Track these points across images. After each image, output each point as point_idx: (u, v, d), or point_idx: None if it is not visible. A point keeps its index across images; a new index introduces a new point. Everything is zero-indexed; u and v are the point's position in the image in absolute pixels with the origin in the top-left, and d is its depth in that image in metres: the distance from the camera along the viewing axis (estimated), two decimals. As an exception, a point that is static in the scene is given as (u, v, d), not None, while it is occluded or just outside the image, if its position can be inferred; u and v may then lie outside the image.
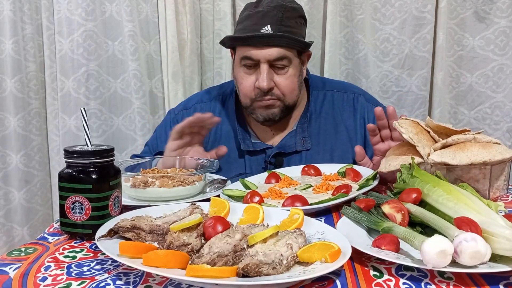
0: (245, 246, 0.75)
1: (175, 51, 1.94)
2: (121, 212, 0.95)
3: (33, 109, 2.04)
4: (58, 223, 0.93)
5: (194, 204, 0.94)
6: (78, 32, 1.94)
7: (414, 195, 0.87)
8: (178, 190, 1.10)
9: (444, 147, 1.07)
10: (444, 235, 0.72)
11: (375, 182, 1.16)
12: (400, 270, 0.74)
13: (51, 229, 0.98)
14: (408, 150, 1.12)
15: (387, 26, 1.91)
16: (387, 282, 0.70)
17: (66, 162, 0.91)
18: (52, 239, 0.92)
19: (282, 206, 1.02)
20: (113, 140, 2.03)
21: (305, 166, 1.32)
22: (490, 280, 0.70)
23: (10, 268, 0.77)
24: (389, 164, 1.12)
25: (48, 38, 1.98)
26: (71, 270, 0.77)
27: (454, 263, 0.69)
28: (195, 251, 0.76)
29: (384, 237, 0.78)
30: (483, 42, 1.88)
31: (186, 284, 0.71)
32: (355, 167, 1.27)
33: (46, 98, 2.05)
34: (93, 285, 0.71)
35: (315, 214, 1.02)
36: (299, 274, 0.69)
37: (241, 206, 0.96)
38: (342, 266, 0.71)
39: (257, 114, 1.40)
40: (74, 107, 1.98)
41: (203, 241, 0.79)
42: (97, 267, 0.78)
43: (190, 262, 0.72)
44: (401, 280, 0.71)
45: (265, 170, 1.43)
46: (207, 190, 1.17)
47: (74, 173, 0.89)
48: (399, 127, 1.11)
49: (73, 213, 0.89)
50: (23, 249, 0.86)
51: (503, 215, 0.80)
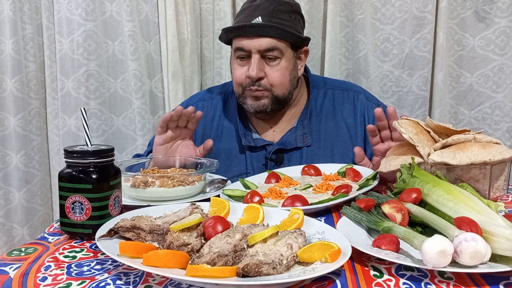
0: (245, 246, 0.75)
1: (175, 51, 1.94)
2: (121, 212, 0.95)
3: (33, 109, 2.04)
4: (58, 223, 0.93)
5: (194, 204, 0.94)
6: (78, 32, 1.94)
7: (414, 195, 0.87)
8: (178, 190, 1.10)
9: (444, 147, 1.07)
10: (444, 235, 0.72)
11: (375, 182, 1.16)
12: (400, 270, 0.74)
13: (51, 229, 0.98)
14: (408, 150, 1.12)
15: (387, 26, 1.91)
16: (387, 282, 0.70)
17: (66, 162, 0.91)
18: (52, 239, 0.92)
19: (282, 206, 1.02)
20: (113, 140, 2.03)
21: (305, 166, 1.32)
22: (490, 280, 0.70)
23: (10, 268, 0.78)
24: (389, 164, 1.12)
25: (48, 38, 1.99)
26: (71, 270, 0.77)
27: (454, 263, 0.69)
28: (195, 251, 0.76)
29: (384, 237, 0.78)
30: (483, 42, 1.88)
31: (186, 284, 0.71)
32: (355, 167, 1.27)
33: (46, 98, 2.05)
34: (93, 285, 0.71)
35: (315, 214, 1.02)
36: (299, 274, 0.69)
37: (241, 206, 0.96)
38: (342, 266, 0.71)
39: (248, 104, 1.41)
40: (74, 107, 1.98)
41: (203, 241, 0.79)
42: (97, 267, 0.78)
43: (190, 262, 0.72)
44: (401, 280, 0.71)
45: (266, 166, 1.43)
46: (207, 190, 1.17)
47: (74, 173, 0.89)
48: (399, 127, 1.11)
49: (73, 213, 0.89)
50: (23, 249, 0.86)
51: (503, 215, 0.80)
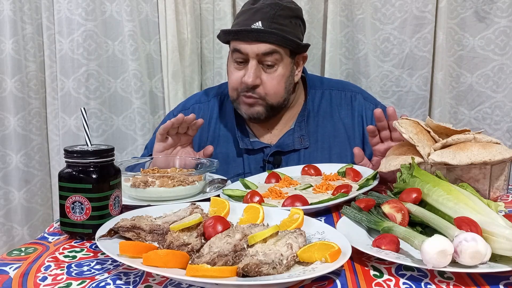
0: (245, 246, 0.75)
1: (175, 51, 1.94)
2: (121, 212, 0.95)
3: (33, 109, 2.04)
4: (58, 223, 0.93)
5: (194, 204, 0.94)
6: (78, 32, 1.94)
7: (414, 195, 0.87)
8: (178, 190, 1.10)
9: (444, 147, 1.07)
10: (444, 235, 0.72)
11: (375, 182, 1.16)
12: (400, 270, 0.74)
13: (51, 229, 0.98)
14: (408, 150, 1.12)
15: (387, 26, 1.90)
16: (387, 282, 0.70)
17: (66, 162, 0.91)
18: (52, 239, 0.92)
19: (282, 206, 1.02)
20: (113, 140, 2.03)
21: (305, 166, 1.32)
22: (490, 280, 0.70)
23: (10, 268, 0.78)
24: (389, 164, 1.12)
25: (48, 38, 1.98)
26: (71, 269, 0.77)
27: (454, 263, 0.69)
28: (195, 251, 0.76)
29: (384, 237, 0.78)
30: (483, 42, 1.88)
31: (186, 284, 0.71)
32: (355, 167, 1.27)
33: (46, 98, 2.05)
34: (93, 285, 0.71)
35: (315, 214, 1.02)
36: (299, 274, 0.69)
37: (241, 206, 0.96)
38: (342, 266, 0.71)
39: (242, 111, 1.41)
40: (74, 107, 1.98)
41: (203, 241, 0.79)
42: (97, 266, 0.78)
43: (190, 262, 0.72)
44: (401, 280, 0.71)
45: (263, 169, 1.43)
46: (207, 190, 1.17)
47: (74, 173, 0.89)
48: (399, 127, 1.11)
49: (73, 212, 0.89)
50: (23, 249, 0.86)
51: (503, 215, 0.80)
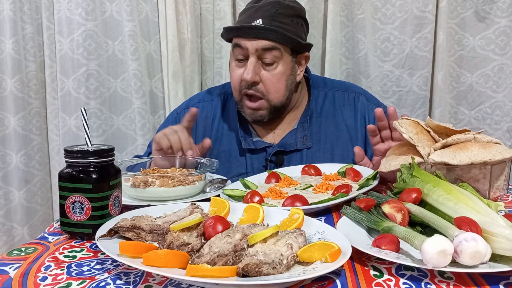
0: (245, 245, 0.75)
1: (175, 51, 1.94)
2: (121, 212, 0.95)
3: (33, 109, 2.04)
4: (58, 223, 0.93)
5: (194, 204, 0.94)
6: (78, 31, 1.94)
7: (414, 195, 0.87)
8: (178, 189, 1.10)
9: (444, 147, 1.07)
10: (444, 235, 0.72)
11: (375, 182, 1.15)
12: (400, 270, 0.74)
13: (51, 229, 0.98)
14: (408, 150, 1.12)
15: (387, 26, 1.90)
16: (387, 282, 0.70)
17: (66, 162, 0.91)
18: (52, 239, 0.92)
19: (282, 206, 1.02)
20: (113, 140, 2.03)
21: (305, 166, 1.32)
22: (490, 280, 0.70)
23: (10, 268, 0.78)
24: (389, 164, 1.12)
25: (48, 38, 1.98)
26: (71, 269, 0.77)
27: (454, 263, 0.69)
28: (195, 250, 0.76)
29: (384, 237, 0.78)
30: (484, 42, 1.88)
31: (186, 284, 0.71)
32: (355, 166, 1.27)
33: (46, 97, 2.05)
34: (93, 285, 0.71)
35: (315, 214, 1.02)
36: (299, 274, 0.69)
37: (241, 205, 0.96)
38: (342, 266, 0.71)
39: (246, 113, 1.41)
40: (74, 106, 1.98)
41: (203, 240, 0.79)
42: (97, 266, 0.78)
43: (190, 261, 0.72)
44: (401, 280, 0.71)
45: (266, 168, 1.43)
46: (207, 189, 1.17)
47: (74, 172, 0.89)
48: (399, 127, 1.11)
49: (73, 212, 0.89)
50: (23, 249, 0.86)
51: (503, 215, 0.79)
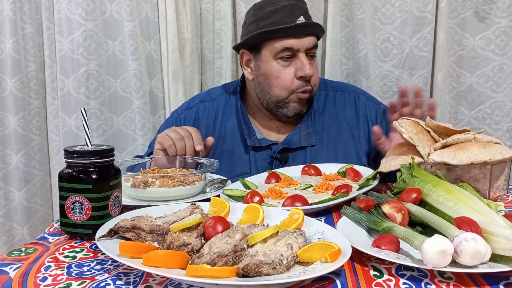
0: (245, 246, 0.75)
1: (176, 51, 1.94)
2: (121, 212, 0.95)
3: (33, 109, 2.04)
4: (58, 223, 0.93)
5: (194, 204, 0.94)
6: (78, 31, 1.94)
7: (414, 195, 0.87)
8: (178, 190, 1.10)
9: (444, 147, 1.07)
10: (444, 235, 0.72)
11: (375, 182, 1.16)
12: (400, 270, 0.74)
13: (51, 229, 0.98)
14: (408, 150, 1.12)
15: (387, 26, 1.90)
16: (387, 282, 0.70)
17: (66, 162, 0.91)
18: (52, 239, 0.92)
19: (282, 206, 1.02)
20: (113, 140, 2.03)
21: (305, 166, 1.32)
22: (490, 280, 0.70)
23: (10, 268, 0.78)
24: (389, 164, 1.12)
25: (48, 38, 1.98)
26: (71, 270, 0.77)
27: (454, 263, 0.69)
28: (195, 251, 0.76)
29: (384, 237, 0.78)
30: (484, 42, 1.88)
31: (186, 284, 0.71)
32: (355, 167, 1.28)
33: (46, 98, 2.05)
34: (93, 285, 0.71)
35: (315, 214, 1.02)
36: (299, 274, 0.69)
37: (241, 206, 0.96)
38: (342, 266, 0.71)
39: (290, 107, 1.40)
40: (74, 107, 1.98)
41: (203, 241, 0.79)
42: (97, 267, 0.78)
43: (190, 262, 0.72)
44: (401, 280, 0.71)
45: (271, 165, 1.43)
46: (207, 190, 1.17)
47: (74, 173, 0.89)
48: (399, 127, 1.11)
49: (73, 213, 0.89)
50: (23, 249, 0.86)
51: (503, 215, 0.79)
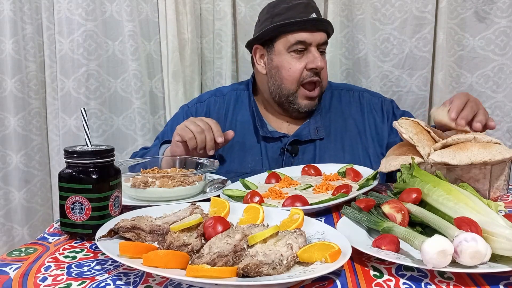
0: (245, 246, 0.75)
1: (176, 51, 1.94)
2: (121, 212, 0.95)
3: (33, 109, 2.04)
4: (58, 223, 0.93)
5: (194, 204, 0.94)
6: (78, 32, 1.94)
7: (414, 195, 0.87)
8: (178, 190, 1.10)
9: (444, 147, 1.07)
10: (444, 235, 0.72)
11: (375, 182, 1.16)
12: (400, 270, 0.74)
13: (51, 229, 0.98)
14: (408, 150, 1.12)
15: (387, 26, 1.91)
16: (387, 282, 0.70)
17: (66, 162, 0.91)
18: (52, 239, 0.92)
19: (282, 206, 1.02)
20: (113, 140, 2.03)
21: (305, 166, 1.33)
22: (490, 280, 0.70)
23: (10, 268, 0.78)
24: (389, 164, 1.12)
25: (48, 38, 1.98)
26: (71, 270, 0.77)
27: (454, 263, 0.69)
28: (195, 251, 0.76)
29: (384, 237, 0.78)
30: (483, 42, 1.88)
31: (186, 284, 0.71)
32: (355, 167, 1.28)
33: (46, 98, 2.05)
34: (93, 285, 0.71)
35: (315, 214, 1.02)
36: (299, 274, 0.69)
37: (241, 206, 0.96)
38: (342, 266, 0.71)
39: (300, 104, 1.46)
40: (74, 107, 1.98)
41: (203, 241, 0.79)
42: (97, 267, 0.78)
43: (190, 262, 0.72)
44: (401, 280, 0.71)
45: (282, 157, 1.47)
46: (207, 190, 1.17)
47: (74, 173, 0.89)
48: (399, 127, 1.11)
49: (73, 213, 0.89)
50: (23, 249, 0.86)
51: (503, 215, 0.80)
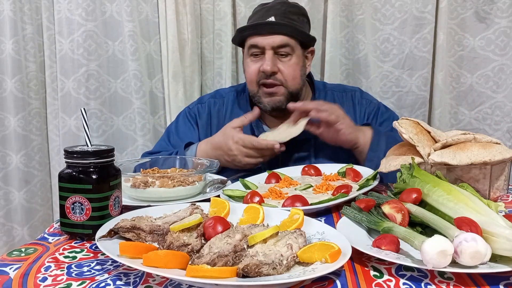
0: (245, 246, 0.75)
1: (176, 51, 1.94)
2: (121, 212, 0.95)
3: (33, 109, 2.04)
4: (58, 223, 0.93)
5: (194, 204, 0.94)
6: (78, 32, 1.94)
7: (414, 195, 0.87)
8: (178, 190, 1.10)
9: (444, 147, 1.07)
10: (444, 235, 0.72)
11: (375, 182, 1.16)
12: (400, 270, 0.74)
13: (51, 229, 0.98)
14: (408, 150, 1.12)
15: (387, 26, 1.90)
16: (387, 283, 0.70)
17: (66, 162, 0.91)
18: (52, 239, 0.92)
19: (282, 206, 1.02)
20: (113, 140, 2.03)
21: (305, 166, 1.33)
22: (490, 280, 0.70)
23: (10, 269, 0.78)
24: (389, 164, 1.12)
25: (48, 38, 1.99)
26: (71, 270, 0.77)
27: (454, 263, 0.70)
28: (195, 251, 0.76)
29: (384, 237, 0.78)
30: (484, 42, 1.88)
31: (186, 284, 0.71)
32: (355, 167, 1.28)
33: (46, 98, 2.05)
34: (93, 286, 0.71)
35: (315, 214, 1.02)
36: (299, 274, 0.69)
37: (241, 206, 0.96)
38: (342, 267, 0.71)
39: (264, 102, 1.47)
40: (74, 107, 1.98)
41: (203, 241, 0.79)
42: (97, 267, 0.78)
43: (190, 262, 0.72)
44: (401, 281, 0.71)
45: (278, 156, 1.45)
46: (207, 190, 1.17)
47: (74, 173, 0.89)
48: (399, 127, 1.11)
49: (73, 213, 0.89)
50: (23, 249, 0.86)
51: (503, 215, 0.80)
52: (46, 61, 2.00)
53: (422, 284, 0.70)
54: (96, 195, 0.88)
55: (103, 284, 0.71)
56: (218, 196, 1.10)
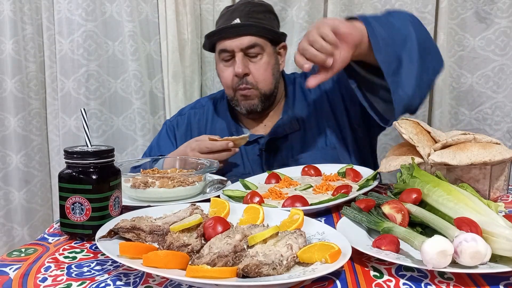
0: (245, 246, 0.75)
1: (176, 51, 1.94)
2: (121, 213, 0.95)
3: (33, 109, 2.04)
4: (58, 224, 0.93)
5: (194, 205, 0.94)
6: (78, 32, 1.94)
7: (414, 196, 0.87)
8: (178, 190, 1.10)
9: (444, 147, 1.07)
10: (444, 235, 0.72)
11: (375, 183, 1.16)
12: (400, 270, 0.74)
13: (51, 230, 0.98)
14: (408, 150, 1.12)
15: (387, 26, 1.90)
16: (387, 283, 0.70)
17: (66, 162, 0.91)
18: (52, 240, 0.92)
19: (282, 207, 1.02)
20: (113, 140, 2.03)
21: (305, 166, 1.33)
22: (490, 280, 0.70)
23: (10, 269, 0.78)
24: (389, 164, 1.12)
25: (48, 38, 1.99)
26: (71, 270, 0.77)
27: (454, 263, 0.69)
28: (195, 251, 0.76)
29: (384, 237, 0.78)
30: (484, 42, 1.88)
31: (186, 284, 0.71)
32: (355, 167, 1.28)
33: (46, 98, 2.05)
34: (93, 286, 0.71)
35: (315, 214, 1.02)
36: (299, 274, 0.69)
37: (241, 206, 0.95)
38: (342, 267, 0.71)
39: (240, 105, 1.49)
40: (74, 107, 1.98)
41: (203, 241, 0.79)
42: (97, 267, 0.78)
43: (190, 262, 0.72)
44: (401, 281, 0.71)
45: (260, 158, 1.49)
46: (207, 190, 1.17)
47: (74, 173, 0.89)
48: (399, 127, 1.11)
49: (73, 213, 0.89)
50: (23, 250, 0.86)
51: (503, 215, 0.79)
52: (46, 61, 2.01)
53: (422, 284, 0.70)
54: (96, 196, 0.88)
55: (103, 285, 0.71)
56: (218, 196, 1.10)
